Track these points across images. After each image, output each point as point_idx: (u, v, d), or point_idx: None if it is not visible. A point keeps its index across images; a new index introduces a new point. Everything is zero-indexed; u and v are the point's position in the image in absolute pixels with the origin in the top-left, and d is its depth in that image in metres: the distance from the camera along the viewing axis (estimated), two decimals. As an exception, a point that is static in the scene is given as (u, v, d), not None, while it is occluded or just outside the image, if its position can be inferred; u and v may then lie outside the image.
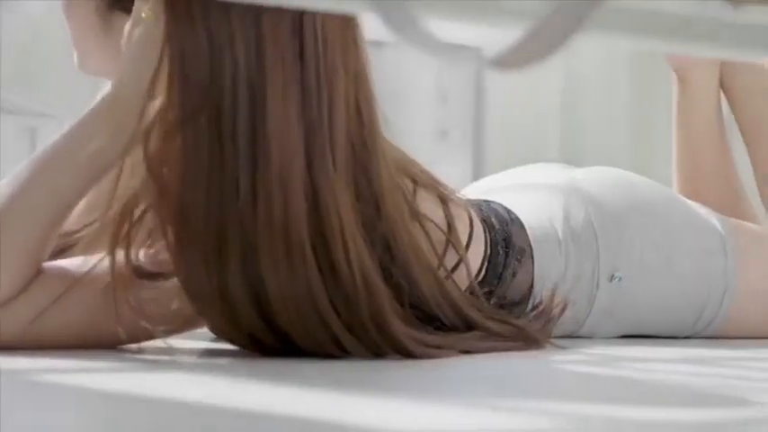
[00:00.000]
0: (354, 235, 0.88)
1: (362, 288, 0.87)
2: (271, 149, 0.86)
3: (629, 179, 1.26)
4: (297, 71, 0.88)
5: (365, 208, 0.90)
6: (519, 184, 1.27)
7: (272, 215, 0.85)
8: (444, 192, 1.06)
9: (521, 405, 0.66)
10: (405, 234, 0.93)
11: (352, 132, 0.90)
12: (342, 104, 0.90)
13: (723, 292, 1.21)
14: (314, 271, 0.86)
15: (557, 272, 1.14)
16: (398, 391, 0.73)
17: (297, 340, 0.87)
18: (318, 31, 0.89)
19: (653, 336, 1.23)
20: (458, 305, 0.96)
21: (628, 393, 0.73)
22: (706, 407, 0.66)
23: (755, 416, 0.63)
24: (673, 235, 1.21)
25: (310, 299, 0.85)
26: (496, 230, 1.12)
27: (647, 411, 0.64)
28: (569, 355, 0.99)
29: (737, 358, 1.03)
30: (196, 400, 0.65)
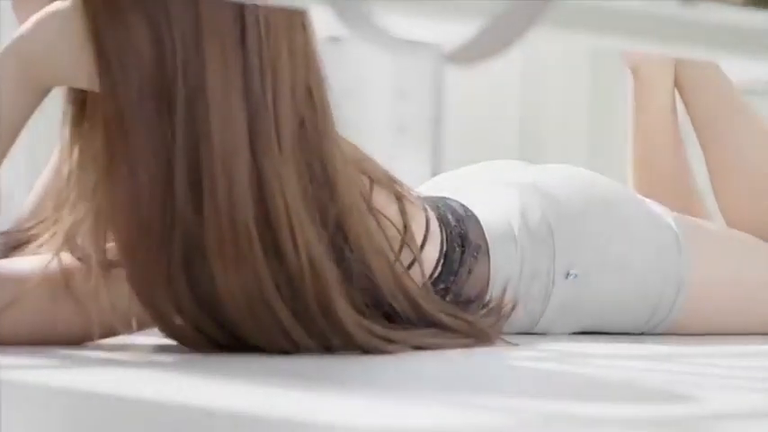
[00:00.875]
0: (302, 218, 0.87)
1: (308, 271, 0.86)
2: (212, 136, 0.85)
3: (585, 177, 1.27)
4: (239, 56, 0.87)
5: (318, 190, 0.90)
6: (476, 181, 1.28)
7: (216, 202, 0.85)
8: (400, 189, 1.06)
9: (471, 401, 0.66)
10: (358, 217, 0.93)
11: (302, 115, 0.90)
12: (287, 88, 0.89)
13: (677, 288, 1.22)
14: (260, 256, 0.85)
15: (512, 269, 1.14)
16: (350, 387, 0.73)
17: (245, 333, 0.86)
18: (261, 15, 0.89)
19: (608, 332, 1.23)
20: (411, 293, 0.96)
21: (579, 389, 0.74)
22: (656, 403, 0.67)
23: (704, 412, 0.63)
24: (628, 232, 1.21)
25: (257, 285, 0.85)
26: (452, 227, 1.12)
27: (597, 407, 0.64)
28: (522, 351, 0.99)
29: (690, 354, 1.04)
30: (147, 396, 0.64)
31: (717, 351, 1.08)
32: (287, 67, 0.89)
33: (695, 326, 1.26)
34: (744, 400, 0.70)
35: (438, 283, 1.08)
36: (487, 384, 0.77)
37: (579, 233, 1.18)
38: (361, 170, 1.01)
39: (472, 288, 1.11)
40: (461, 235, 1.12)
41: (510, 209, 1.18)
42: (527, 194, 1.20)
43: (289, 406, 0.62)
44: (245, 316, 0.86)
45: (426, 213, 1.10)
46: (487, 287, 1.12)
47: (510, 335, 1.16)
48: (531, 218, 1.17)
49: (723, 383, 0.81)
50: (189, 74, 0.86)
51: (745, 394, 0.74)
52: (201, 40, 0.87)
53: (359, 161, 1.02)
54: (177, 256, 0.85)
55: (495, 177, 1.27)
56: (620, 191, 1.27)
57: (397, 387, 0.73)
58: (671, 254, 1.22)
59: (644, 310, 1.22)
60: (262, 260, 0.85)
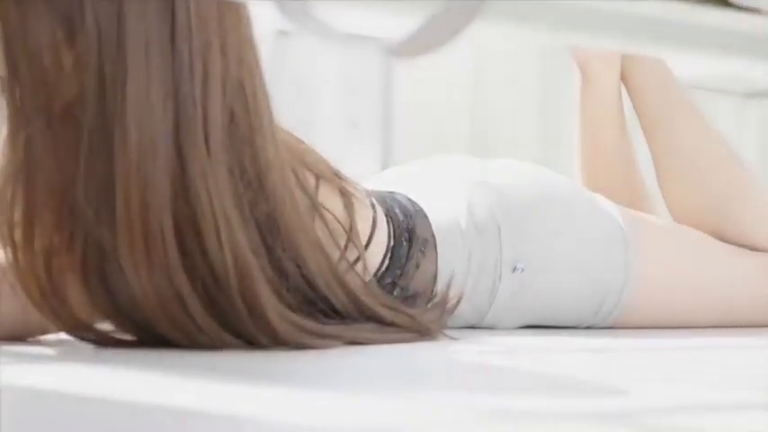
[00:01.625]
0: (228, 216, 0.85)
1: (234, 271, 0.84)
2: (129, 135, 0.83)
3: (532, 172, 1.27)
4: (166, 51, 0.85)
5: (248, 188, 0.88)
6: (424, 176, 1.28)
7: (129, 203, 0.82)
8: (345, 184, 1.05)
9: (411, 397, 0.66)
10: (293, 214, 0.91)
11: (233, 110, 0.88)
12: (218, 83, 0.87)
13: (623, 282, 1.23)
14: (175, 259, 0.83)
15: (460, 263, 1.15)
16: (292, 382, 0.73)
17: (164, 333, 0.85)
18: (192, 5, 0.87)
19: (555, 326, 1.24)
20: (350, 289, 0.95)
21: (522, 384, 0.74)
22: (599, 396, 0.67)
23: (647, 405, 0.63)
24: (575, 227, 1.22)
25: (172, 289, 0.83)
26: (400, 222, 1.12)
27: (539, 401, 0.64)
28: (466, 345, 0.99)
29: (634, 348, 1.04)
30: (90, 393, 0.64)
31: (661, 344, 1.09)
32: (218, 61, 0.87)
33: (641, 319, 1.27)
34: (686, 393, 0.71)
35: (385, 278, 1.08)
36: (428, 380, 0.77)
37: (526, 228, 1.18)
38: (306, 165, 1.01)
39: (419, 282, 1.11)
40: (409, 229, 1.12)
41: (458, 203, 1.18)
42: (475, 189, 1.20)
43: (231, 402, 0.62)
44: (161, 318, 0.84)
45: (373, 208, 1.10)
46: (435, 282, 1.12)
47: (457, 329, 1.17)
48: (479, 212, 1.18)
49: (666, 377, 0.82)
50: (106, 66, 0.83)
51: (687, 387, 0.74)
52: (124, 31, 0.84)
53: (305, 157, 1.02)
54: (90, 259, 0.83)
55: (443, 172, 1.28)
56: (567, 186, 1.28)
57: (337, 383, 0.73)
58: (617, 248, 1.23)
59: (591, 303, 1.23)
60: (177, 263, 0.83)
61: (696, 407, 0.64)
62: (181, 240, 0.84)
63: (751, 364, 0.94)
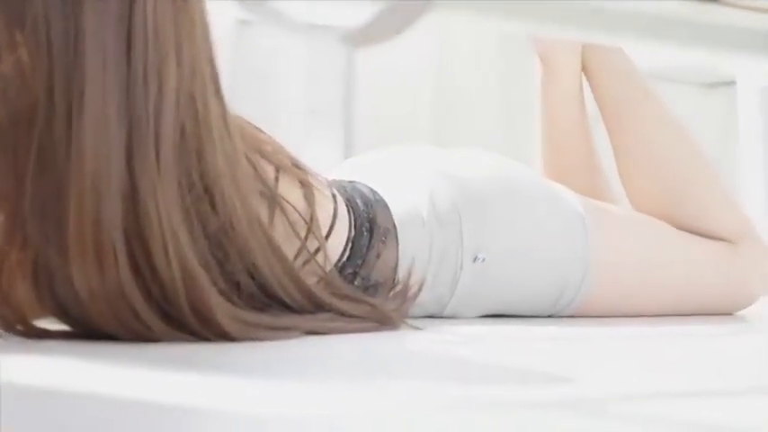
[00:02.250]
0: (177, 233, 0.84)
1: (181, 281, 0.83)
2: (85, 151, 0.81)
3: (493, 161, 1.27)
4: (122, 64, 0.83)
5: (197, 201, 0.87)
6: (385, 165, 1.28)
7: (82, 220, 0.81)
8: (307, 175, 1.05)
9: (372, 386, 0.66)
10: (245, 222, 0.90)
11: (183, 124, 0.86)
12: (172, 98, 0.85)
13: (583, 271, 1.23)
14: (128, 275, 0.82)
15: (421, 252, 1.14)
16: (250, 373, 0.72)
17: (112, 333, 0.85)
18: (149, 17, 0.85)
19: (516, 315, 1.24)
20: (306, 287, 0.94)
21: (483, 373, 0.74)
22: (559, 385, 0.67)
23: (606, 393, 0.64)
24: (535, 216, 1.22)
25: (124, 301, 0.82)
26: (361, 212, 1.12)
27: (499, 390, 0.64)
28: (427, 334, 0.99)
29: (594, 336, 1.05)
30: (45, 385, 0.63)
31: (621, 333, 1.09)
32: (173, 75, 0.86)
33: (602, 308, 1.27)
34: (647, 381, 0.71)
35: (346, 268, 1.08)
36: (390, 369, 0.77)
37: (487, 217, 1.18)
38: (266, 157, 1.00)
39: (380, 272, 1.11)
40: (370, 219, 1.12)
41: (419, 193, 1.18)
42: (436, 178, 1.20)
43: (189, 393, 0.61)
44: (112, 323, 0.83)
45: (334, 198, 1.09)
46: (396, 271, 1.12)
47: (418, 318, 1.17)
48: (440, 202, 1.17)
49: (626, 365, 0.82)
50: (63, 84, 0.82)
51: (648, 375, 0.74)
52: (82, 46, 0.82)
53: (264, 147, 1.01)
54: (41, 268, 0.82)
55: (404, 162, 1.27)
56: (527, 175, 1.28)
57: (296, 372, 0.73)
58: (577, 237, 1.24)
59: (551, 292, 1.23)
60: (129, 278, 0.82)
61: (657, 394, 0.64)
62: (132, 256, 0.83)
63: (710, 351, 0.94)
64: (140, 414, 0.54)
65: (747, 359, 0.89)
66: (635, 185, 1.45)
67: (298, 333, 0.90)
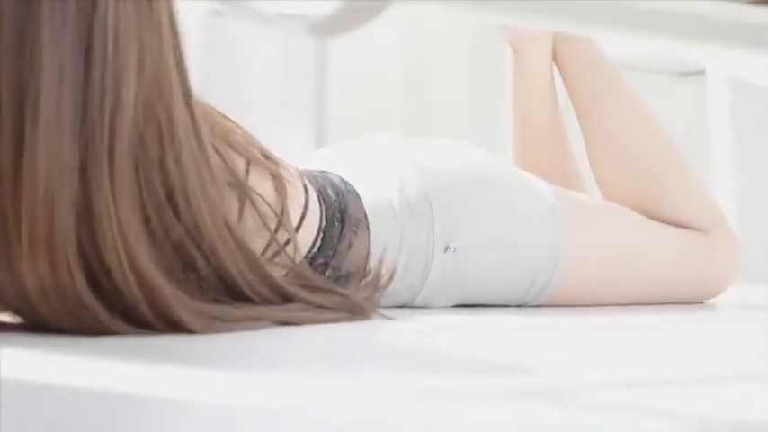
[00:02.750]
0: (133, 244, 0.82)
1: (141, 293, 0.82)
2: (38, 163, 0.79)
3: (464, 150, 1.27)
4: (79, 73, 0.81)
5: (160, 209, 0.85)
6: (356, 155, 1.27)
7: (34, 235, 0.79)
8: (278, 166, 1.04)
9: (343, 376, 0.66)
10: (210, 225, 0.88)
11: (143, 131, 0.84)
12: (129, 110, 0.83)
13: (555, 260, 1.24)
14: (83, 286, 0.81)
15: (392, 242, 1.14)
16: (220, 364, 0.72)
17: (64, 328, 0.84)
18: (110, 22, 0.82)
19: (488, 304, 1.24)
20: (274, 282, 0.94)
21: (454, 362, 0.74)
22: (530, 375, 0.67)
23: (577, 383, 0.64)
24: (507, 206, 1.22)
25: (82, 308, 0.81)
26: (332, 202, 1.11)
27: (470, 380, 0.64)
28: (399, 324, 0.99)
29: (565, 325, 1.05)
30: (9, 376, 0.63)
31: (592, 322, 1.10)
32: (132, 86, 0.83)
33: (573, 297, 1.28)
34: (618, 370, 0.71)
35: (317, 259, 1.08)
36: (361, 359, 0.77)
37: (458, 206, 1.18)
38: (237, 149, 1.00)
39: (352, 262, 1.11)
40: (341, 210, 1.12)
41: (390, 182, 1.18)
42: (407, 168, 1.20)
43: (162, 384, 0.61)
44: (67, 321, 0.82)
45: (305, 189, 1.09)
46: (367, 261, 1.12)
47: (390, 308, 1.17)
48: (411, 191, 1.17)
49: (596, 354, 0.82)
50: (14, 93, 0.79)
51: (619, 364, 0.75)
52: (39, 54, 0.79)
53: (234, 139, 1.00)
54: None
55: (376, 152, 1.27)
56: (499, 164, 1.28)
57: (267, 363, 0.73)
58: (549, 226, 1.24)
59: (523, 282, 1.23)
60: (85, 288, 0.81)
61: (627, 383, 0.65)
62: (88, 269, 0.81)
63: (680, 340, 0.95)
64: (112, 406, 0.53)
65: (717, 348, 0.89)
66: (606, 175, 1.45)
67: (266, 323, 0.90)
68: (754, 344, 0.93)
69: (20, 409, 0.52)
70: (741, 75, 1.45)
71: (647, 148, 1.43)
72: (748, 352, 0.86)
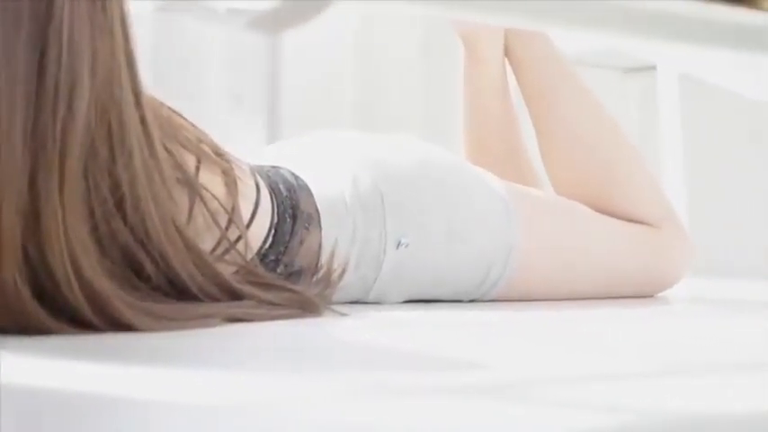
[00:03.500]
0: (79, 254, 0.81)
1: (85, 301, 0.81)
2: None
3: (415, 145, 1.27)
4: (32, 79, 0.79)
5: (108, 215, 0.84)
6: (308, 150, 1.27)
7: None
8: (229, 163, 1.03)
9: (291, 373, 0.65)
10: (160, 230, 0.87)
11: (94, 138, 0.83)
12: (82, 118, 0.82)
13: (506, 255, 1.24)
14: (29, 297, 0.79)
15: (344, 238, 1.14)
16: (165, 362, 0.71)
17: None
18: (65, 26, 0.81)
19: (440, 300, 1.24)
20: (225, 282, 0.93)
21: (402, 359, 0.74)
22: (480, 370, 0.67)
23: (524, 378, 0.64)
24: (458, 201, 1.22)
25: (25, 317, 0.80)
26: (284, 198, 1.11)
27: (417, 376, 0.64)
28: (350, 320, 0.99)
29: (517, 321, 1.05)
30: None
31: (543, 316, 1.10)
32: (85, 93, 0.82)
33: (525, 291, 1.28)
34: (567, 364, 0.72)
35: (268, 255, 1.07)
36: (313, 355, 0.77)
37: (410, 202, 1.18)
38: (187, 146, 0.99)
39: (304, 258, 1.10)
40: (293, 205, 1.11)
41: (342, 177, 1.18)
42: (359, 163, 1.20)
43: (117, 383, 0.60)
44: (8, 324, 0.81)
45: (257, 184, 1.08)
46: (319, 257, 1.12)
47: (343, 304, 1.16)
48: (363, 186, 1.17)
49: (546, 349, 0.82)
50: None
51: (568, 358, 0.75)
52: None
53: (185, 135, 0.99)
54: None
55: (328, 147, 1.27)
56: (450, 159, 1.28)
57: (217, 361, 0.72)
58: (500, 221, 1.24)
59: (475, 276, 1.24)
60: (30, 299, 0.79)
61: (577, 378, 0.65)
62: (33, 275, 0.80)
63: (630, 334, 0.95)
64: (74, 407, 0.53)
65: (667, 341, 0.90)
66: (558, 170, 1.46)
67: (217, 321, 0.89)
68: (704, 337, 0.94)
69: None
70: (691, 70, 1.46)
71: (599, 142, 1.44)
72: (698, 345, 0.87)
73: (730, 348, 0.83)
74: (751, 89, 1.42)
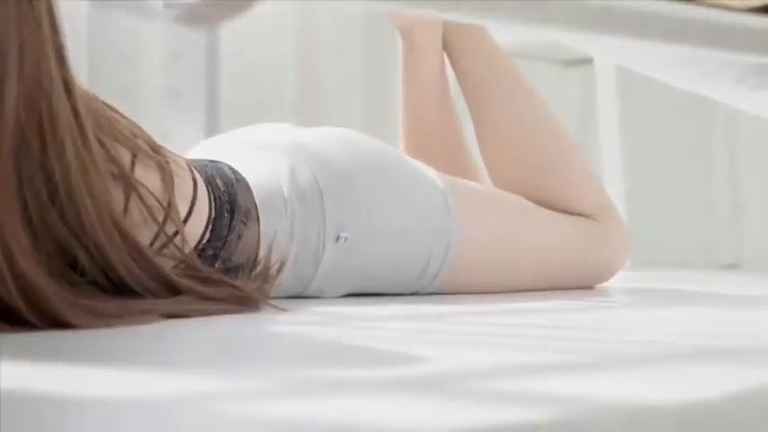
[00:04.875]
0: (13, 249, 0.79)
1: (21, 297, 0.80)
2: None
3: (354, 139, 1.27)
4: None
5: (43, 209, 0.83)
6: (245, 144, 1.26)
7: None
8: (165, 158, 1.02)
9: (229, 368, 0.65)
10: (96, 223, 0.86)
11: (25, 134, 0.82)
12: (12, 109, 0.80)
13: (446, 248, 1.24)
14: None
15: (283, 232, 1.13)
16: (101, 359, 0.70)
17: None
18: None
19: (380, 293, 1.24)
20: (163, 275, 0.92)
21: (337, 353, 0.73)
22: (416, 364, 0.67)
23: (463, 370, 0.64)
24: (398, 194, 1.22)
25: None
26: (221, 193, 1.10)
27: (354, 371, 0.64)
28: (290, 315, 0.98)
29: (453, 314, 1.05)
30: None
31: (481, 309, 1.10)
32: (13, 90, 0.80)
33: (464, 284, 1.28)
34: (503, 357, 0.72)
35: (206, 250, 1.06)
36: (250, 351, 0.76)
37: (349, 195, 1.18)
38: (123, 142, 0.97)
39: (242, 253, 1.10)
40: (230, 200, 1.10)
41: (280, 171, 1.17)
42: (297, 157, 1.19)
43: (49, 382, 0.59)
44: None
45: (194, 179, 1.07)
46: (257, 251, 1.11)
47: (282, 298, 1.16)
48: (301, 180, 1.17)
49: (486, 341, 0.82)
50: None
51: (504, 351, 0.75)
52: None
53: (120, 131, 0.98)
54: None
55: (265, 140, 1.26)
56: (389, 153, 1.28)
57: (153, 357, 0.71)
58: (440, 214, 1.24)
59: (415, 270, 1.24)
60: None
61: (514, 370, 0.65)
62: None
63: (567, 326, 0.96)
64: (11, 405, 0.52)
65: (606, 332, 0.90)
66: (496, 162, 1.46)
67: (155, 317, 0.88)
68: (642, 328, 0.94)
69: None
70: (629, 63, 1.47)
71: (537, 135, 1.45)
72: (637, 336, 0.87)
73: (667, 339, 0.83)
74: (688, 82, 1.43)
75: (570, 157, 1.45)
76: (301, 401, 0.52)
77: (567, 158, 1.45)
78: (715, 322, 0.99)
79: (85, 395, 0.55)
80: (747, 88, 1.37)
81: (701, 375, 0.63)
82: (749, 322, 1.00)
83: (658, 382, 0.60)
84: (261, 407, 0.51)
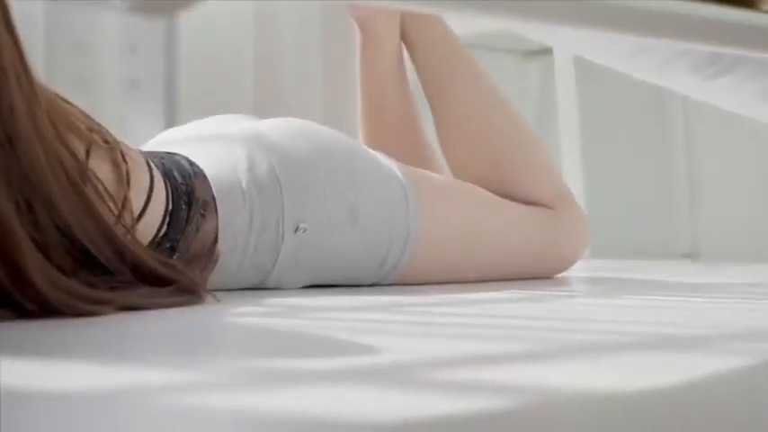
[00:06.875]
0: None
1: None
2: None
3: (313, 129, 1.27)
4: None
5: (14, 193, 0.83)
6: (203, 135, 1.26)
7: None
8: (120, 150, 1.01)
9: (177, 360, 0.64)
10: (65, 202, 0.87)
11: None
12: None
13: (405, 238, 1.24)
14: None
15: (241, 223, 1.13)
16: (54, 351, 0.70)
17: None
18: None
19: (341, 284, 1.24)
20: (120, 245, 0.92)
21: (291, 345, 0.73)
22: (371, 354, 0.67)
23: (418, 361, 0.64)
24: (356, 184, 1.22)
25: None
26: (179, 185, 1.09)
27: (310, 362, 0.63)
28: (246, 307, 0.98)
29: (412, 304, 1.05)
30: None
31: (438, 300, 1.10)
32: None
33: (424, 274, 1.28)
34: (458, 347, 0.72)
35: (163, 243, 1.05)
36: (203, 342, 0.76)
37: (308, 186, 1.18)
38: (77, 133, 0.96)
39: (200, 245, 1.09)
40: (188, 192, 1.10)
41: (237, 162, 1.16)
42: (255, 148, 1.19)
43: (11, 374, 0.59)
44: None
45: (151, 172, 1.06)
46: (216, 243, 1.11)
47: (241, 290, 1.15)
48: (259, 171, 1.16)
49: (443, 331, 0.82)
50: None
51: (460, 342, 0.75)
52: None
53: (75, 123, 0.97)
54: None
55: (222, 131, 1.26)
56: (348, 143, 1.28)
57: (108, 349, 0.71)
58: (399, 205, 1.24)
59: (374, 261, 1.24)
60: None
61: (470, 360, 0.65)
62: None
63: (525, 315, 0.96)
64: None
65: (564, 322, 0.91)
66: (456, 153, 1.46)
67: (112, 308, 0.87)
68: (600, 317, 0.95)
69: None
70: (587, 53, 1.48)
71: (495, 125, 1.45)
72: (594, 325, 0.88)
73: (624, 328, 0.84)
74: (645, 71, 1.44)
75: (528, 147, 1.46)
76: (255, 392, 0.52)
77: (524, 148, 1.45)
78: (672, 311, 1.00)
79: (32, 388, 0.54)
80: (703, 78, 1.38)
81: (656, 363, 0.64)
82: (705, 311, 1.00)
83: (613, 370, 0.61)
84: (216, 398, 0.51)
